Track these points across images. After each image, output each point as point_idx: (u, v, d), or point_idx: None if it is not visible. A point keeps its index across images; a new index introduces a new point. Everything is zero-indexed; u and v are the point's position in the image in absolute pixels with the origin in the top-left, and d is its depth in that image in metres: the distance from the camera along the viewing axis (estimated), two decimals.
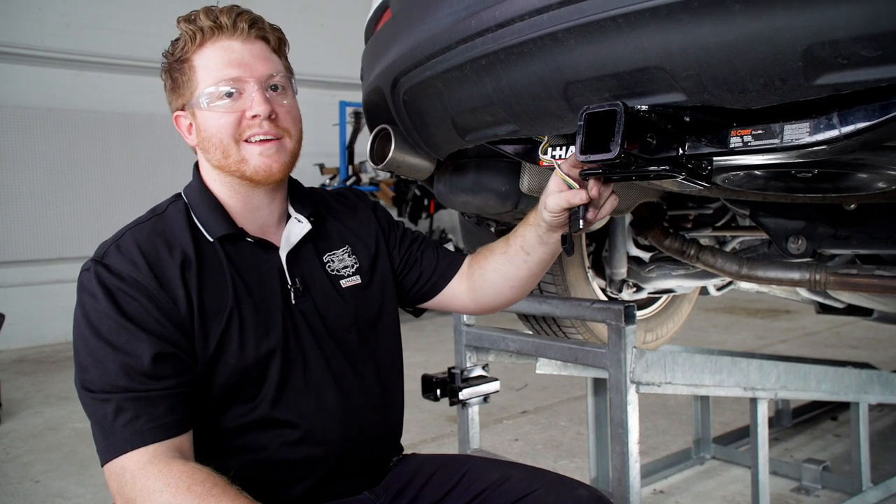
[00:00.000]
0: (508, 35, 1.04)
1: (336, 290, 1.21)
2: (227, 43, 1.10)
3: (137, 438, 0.98)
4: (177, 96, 1.13)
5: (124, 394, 0.99)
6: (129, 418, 0.98)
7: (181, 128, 1.16)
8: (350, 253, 1.26)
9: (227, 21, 1.10)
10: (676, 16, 0.84)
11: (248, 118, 1.10)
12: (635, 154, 0.95)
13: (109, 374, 0.99)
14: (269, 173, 1.11)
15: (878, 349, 4.71)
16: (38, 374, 4.91)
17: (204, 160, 1.16)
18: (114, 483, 0.98)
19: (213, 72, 1.09)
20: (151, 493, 0.94)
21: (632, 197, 1.73)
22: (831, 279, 1.71)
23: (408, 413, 1.34)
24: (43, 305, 6.06)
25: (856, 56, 0.76)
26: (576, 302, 1.83)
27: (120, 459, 0.97)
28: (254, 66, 1.11)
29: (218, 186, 1.15)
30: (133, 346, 1.01)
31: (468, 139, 1.36)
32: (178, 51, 1.11)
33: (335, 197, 1.34)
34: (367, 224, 1.32)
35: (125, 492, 0.96)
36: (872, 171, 1.24)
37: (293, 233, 1.19)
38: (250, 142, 1.10)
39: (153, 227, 1.11)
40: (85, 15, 6.29)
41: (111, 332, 1.01)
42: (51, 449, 3.30)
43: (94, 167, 6.26)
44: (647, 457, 2.80)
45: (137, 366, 1.00)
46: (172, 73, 1.13)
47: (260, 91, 1.10)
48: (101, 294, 1.02)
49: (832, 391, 2.21)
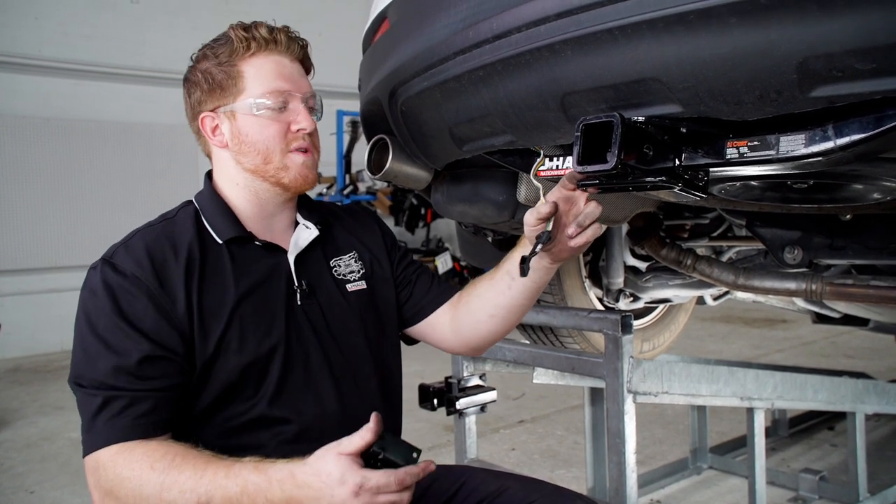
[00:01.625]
0: (506, 46, 1.05)
1: (342, 294, 1.23)
2: (278, 57, 1.16)
3: (113, 435, 1.00)
4: (214, 97, 1.15)
5: (110, 391, 1.02)
6: (111, 415, 1.01)
7: (205, 128, 1.17)
8: (356, 259, 1.29)
9: (284, 39, 1.17)
10: (673, 28, 0.84)
11: (294, 131, 1.16)
12: (632, 165, 0.96)
13: (98, 371, 1.02)
14: (305, 182, 1.18)
15: (874, 359, 4.71)
16: (34, 384, 4.89)
17: (229, 163, 1.18)
18: (91, 477, 1.02)
19: (266, 81, 1.14)
20: (122, 482, 0.98)
21: (628, 207, 1.74)
22: (827, 289, 1.71)
23: (405, 422, 1.34)
24: (39, 315, 6.04)
25: (850, 69, 0.77)
26: (573, 311, 1.83)
27: (95, 454, 1.00)
28: (300, 83, 1.18)
29: (235, 191, 1.18)
30: (125, 346, 1.03)
31: (465, 149, 1.37)
32: (226, 54, 1.14)
33: (343, 209, 1.39)
34: (372, 235, 1.35)
35: (101, 484, 1.00)
36: (867, 182, 1.25)
37: (301, 237, 1.22)
38: (293, 152, 1.16)
39: (162, 230, 1.14)
40: (83, 24, 6.30)
41: (106, 329, 1.04)
42: (46, 459, 3.28)
43: (91, 177, 6.25)
44: (645, 466, 2.79)
45: (126, 365, 1.02)
46: (215, 74, 1.14)
47: (304, 107, 1.17)
48: (102, 291, 1.05)
49: (829, 401, 2.21)
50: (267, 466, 0.96)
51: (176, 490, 0.96)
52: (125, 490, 0.98)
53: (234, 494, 0.95)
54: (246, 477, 0.95)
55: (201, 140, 1.21)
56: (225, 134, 1.16)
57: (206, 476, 0.96)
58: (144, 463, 0.98)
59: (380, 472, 0.93)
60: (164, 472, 0.97)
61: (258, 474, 0.95)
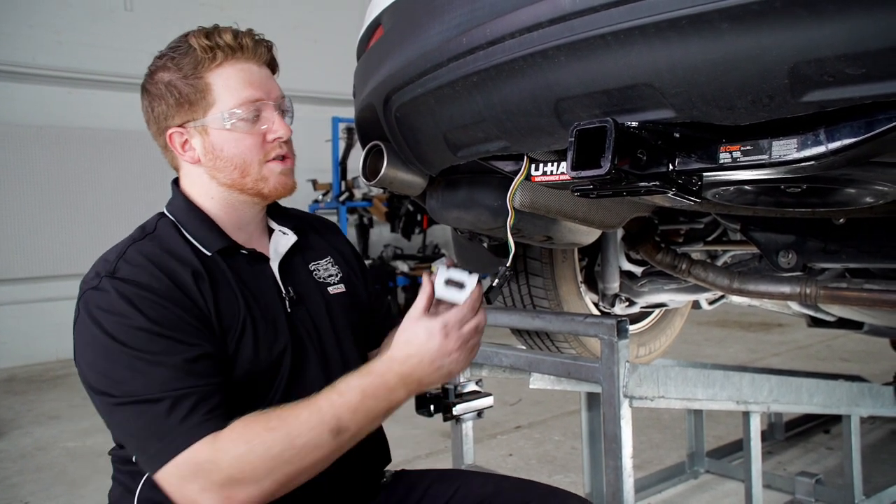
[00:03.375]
0: (499, 53, 1.05)
1: (325, 298, 1.23)
2: (246, 65, 1.12)
3: (196, 430, 0.95)
4: (182, 112, 1.11)
5: (176, 392, 0.97)
6: (184, 414, 0.96)
7: (174, 144, 1.13)
8: (332, 263, 1.29)
9: (250, 44, 1.12)
10: (665, 34, 0.85)
11: (270, 140, 1.13)
12: (626, 170, 0.96)
13: (155, 381, 0.97)
14: (285, 190, 1.16)
15: (869, 362, 4.72)
16: (29, 394, 4.86)
17: (202, 178, 1.15)
18: (193, 483, 0.94)
19: (237, 92, 1.10)
20: (244, 458, 0.93)
21: (623, 212, 1.74)
22: (821, 293, 1.72)
23: (402, 429, 1.35)
24: (34, 324, 6.01)
25: (841, 74, 0.77)
26: (568, 317, 1.83)
27: (189, 454, 0.94)
28: (271, 88, 1.15)
29: (210, 203, 1.15)
30: (171, 351, 0.99)
31: (460, 155, 1.37)
32: (190, 66, 1.09)
33: (311, 216, 1.38)
34: (343, 245, 1.37)
35: (215, 478, 0.93)
36: (860, 186, 1.26)
37: (280, 244, 1.22)
38: (270, 162, 1.14)
39: (155, 243, 1.10)
40: (77, 32, 6.30)
41: (145, 341, 0.99)
42: (41, 469, 3.26)
43: (86, 184, 6.24)
44: (642, 471, 2.79)
45: (180, 367, 0.98)
46: (181, 87, 1.10)
47: (278, 113, 1.14)
48: (124, 306, 1.00)
49: (824, 404, 2.22)
50: (365, 369, 1.01)
51: (305, 431, 0.96)
52: (251, 464, 0.93)
53: (358, 402, 0.98)
54: (356, 385, 0.99)
55: (168, 154, 1.17)
56: (197, 149, 1.12)
57: (322, 406, 0.97)
58: (254, 431, 0.95)
59: (452, 309, 1.03)
60: (281, 425, 0.95)
61: (364, 377, 1.00)
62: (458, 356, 1.02)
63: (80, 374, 1.04)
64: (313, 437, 0.96)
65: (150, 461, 0.97)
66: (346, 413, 0.98)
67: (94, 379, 1.01)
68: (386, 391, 1.00)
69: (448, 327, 1.01)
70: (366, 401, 0.99)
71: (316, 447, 0.97)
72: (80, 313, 1.03)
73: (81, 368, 1.04)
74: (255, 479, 0.94)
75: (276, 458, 0.94)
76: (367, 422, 1.01)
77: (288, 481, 0.97)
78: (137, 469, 1.09)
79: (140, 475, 1.09)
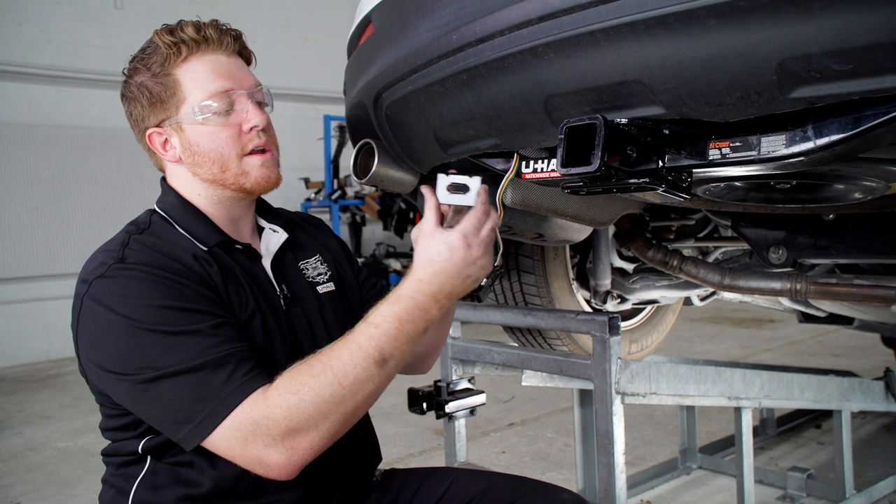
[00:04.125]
0: (489, 50, 1.05)
1: (315, 297, 1.22)
2: (213, 56, 1.10)
3: (244, 387, 0.95)
4: (156, 111, 1.10)
5: (212, 357, 0.96)
6: (227, 376, 0.95)
7: (154, 145, 1.13)
8: (321, 262, 1.28)
9: (214, 34, 1.10)
10: (654, 31, 0.85)
11: (246, 131, 1.11)
12: (616, 167, 0.97)
13: (189, 350, 0.96)
14: (268, 183, 1.14)
15: (859, 357, 4.75)
16: (20, 394, 4.84)
17: (186, 176, 1.14)
18: (253, 443, 0.94)
19: (205, 84, 1.08)
20: (297, 407, 0.94)
21: (614, 209, 1.74)
22: (812, 288, 1.73)
23: (394, 427, 1.35)
24: (25, 323, 5.98)
25: (828, 70, 0.78)
26: (560, 314, 1.83)
27: (238, 415, 0.94)
28: (242, 78, 1.12)
29: (199, 199, 1.15)
30: (200, 321, 0.98)
31: (451, 153, 1.37)
32: (158, 64, 1.08)
33: (299, 215, 1.37)
34: (330, 241, 1.36)
35: (274, 432, 0.94)
36: (849, 182, 1.26)
37: (272, 241, 1.21)
38: (249, 154, 1.12)
39: (154, 236, 1.09)
40: (67, 31, 6.27)
41: (173, 318, 0.97)
42: (32, 469, 3.24)
43: (76, 183, 6.21)
44: (634, 467, 2.80)
45: (212, 334, 0.98)
46: (151, 87, 1.09)
47: (253, 102, 1.12)
48: (145, 288, 0.98)
49: (815, 399, 2.23)
50: (393, 296, 1.02)
51: (350, 370, 0.96)
52: (305, 412, 0.94)
53: (396, 330, 0.99)
54: (389, 313, 1.00)
55: (152, 156, 1.16)
56: (176, 148, 1.12)
57: (360, 341, 0.98)
58: (301, 381, 0.95)
59: (464, 217, 1.04)
60: (325, 369, 0.96)
61: (395, 304, 1.01)
62: (483, 261, 1.04)
63: (92, 364, 1.01)
64: (360, 373, 0.97)
65: (198, 428, 0.95)
66: (386, 343, 0.98)
67: (116, 364, 0.98)
68: (420, 312, 1.01)
69: (468, 237, 1.02)
70: (403, 326, 1.00)
71: (365, 381, 0.97)
72: (87, 304, 1.01)
73: (94, 358, 1.01)
74: (313, 425, 0.95)
75: (328, 400, 0.95)
76: (408, 346, 1.01)
77: (345, 420, 0.98)
78: (132, 471, 1.08)
79: (134, 478, 1.08)
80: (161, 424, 1.00)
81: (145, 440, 1.06)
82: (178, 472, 1.06)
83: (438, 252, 1.02)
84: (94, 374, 1.03)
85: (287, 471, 0.96)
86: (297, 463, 0.96)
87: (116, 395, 1.02)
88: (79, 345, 1.04)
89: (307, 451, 0.96)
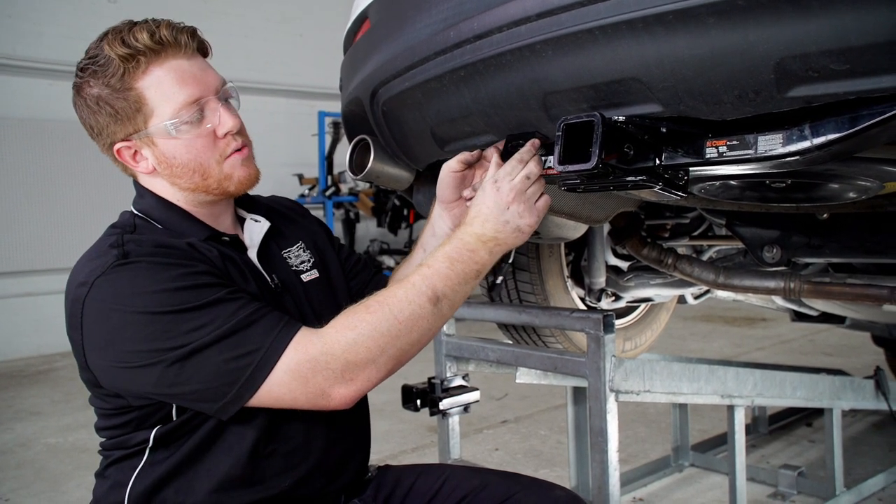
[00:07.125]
0: (486, 46, 1.05)
1: (301, 285, 1.22)
2: (174, 62, 1.04)
3: (287, 330, 0.99)
4: (122, 125, 1.06)
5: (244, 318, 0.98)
6: (267, 327, 0.98)
7: (124, 158, 1.10)
8: (304, 249, 1.28)
9: (170, 37, 1.03)
10: (652, 28, 0.85)
11: (221, 136, 1.08)
12: (613, 164, 0.97)
13: (219, 318, 0.97)
14: (250, 180, 1.14)
15: (851, 356, 4.78)
16: (9, 389, 4.81)
17: (163, 184, 1.12)
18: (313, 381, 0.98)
19: (172, 96, 1.04)
20: (356, 342, 0.98)
21: (610, 206, 1.75)
22: (805, 287, 1.74)
23: (388, 423, 1.35)
24: (14, 319, 5.94)
25: (825, 69, 0.78)
26: (555, 311, 1.83)
27: (295, 355, 0.97)
28: (208, 80, 1.08)
29: (181, 201, 1.13)
30: (221, 288, 1.00)
31: (447, 150, 1.36)
32: (117, 78, 1.02)
33: (278, 201, 1.36)
34: (311, 225, 1.36)
35: (334, 367, 0.98)
36: (843, 181, 1.27)
37: (255, 232, 1.20)
38: (229, 157, 1.11)
39: (145, 235, 1.08)
40: (59, 24, 6.22)
41: (195, 294, 0.98)
42: (21, 465, 3.22)
43: (67, 178, 6.17)
44: (627, 465, 2.81)
45: (238, 299, 1.00)
46: (112, 101, 1.03)
47: (223, 106, 1.09)
48: (158, 276, 0.98)
49: (807, 398, 2.24)
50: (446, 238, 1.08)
51: (405, 306, 1.00)
52: (363, 345, 0.98)
53: (447, 269, 1.04)
54: (441, 254, 1.05)
55: (122, 167, 1.13)
56: (149, 160, 1.09)
57: (415, 281, 1.02)
58: (357, 318, 1.00)
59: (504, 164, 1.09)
60: (381, 307, 1.00)
61: (445, 245, 1.06)
62: (518, 208, 1.06)
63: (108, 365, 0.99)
64: (415, 310, 1.01)
65: (248, 383, 0.97)
66: (438, 281, 1.03)
67: (144, 354, 0.96)
68: (469, 252, 1.05)
69: (498, 181, 1.06)
70: (454, 265, 1.04)
71: (420, 318, 1.01)
72: (93, 306, 0.98)
73: (111, 358, 0.99)
74: (371, 358, 0.99)
75: (385, 335, 0.99)
76: (460, 286, 1.05)
77: (401, 355, 1.02)
78: (129, 463, 1.08)
79: (132, 470, 1.07)
80: (199, 399, 0.99)
81: (154, 430, 1.06)
82: (176, 464, 1.06)
83: (477, 197, 1.08)
84: (108, 375, 1.01)
85: (347, 401, 1.01)
86: (356, 394, 1.01)
87: (143, 388, 0.99)
88: (86, 349, 1.01)
89: (366, 383, 1.00)
